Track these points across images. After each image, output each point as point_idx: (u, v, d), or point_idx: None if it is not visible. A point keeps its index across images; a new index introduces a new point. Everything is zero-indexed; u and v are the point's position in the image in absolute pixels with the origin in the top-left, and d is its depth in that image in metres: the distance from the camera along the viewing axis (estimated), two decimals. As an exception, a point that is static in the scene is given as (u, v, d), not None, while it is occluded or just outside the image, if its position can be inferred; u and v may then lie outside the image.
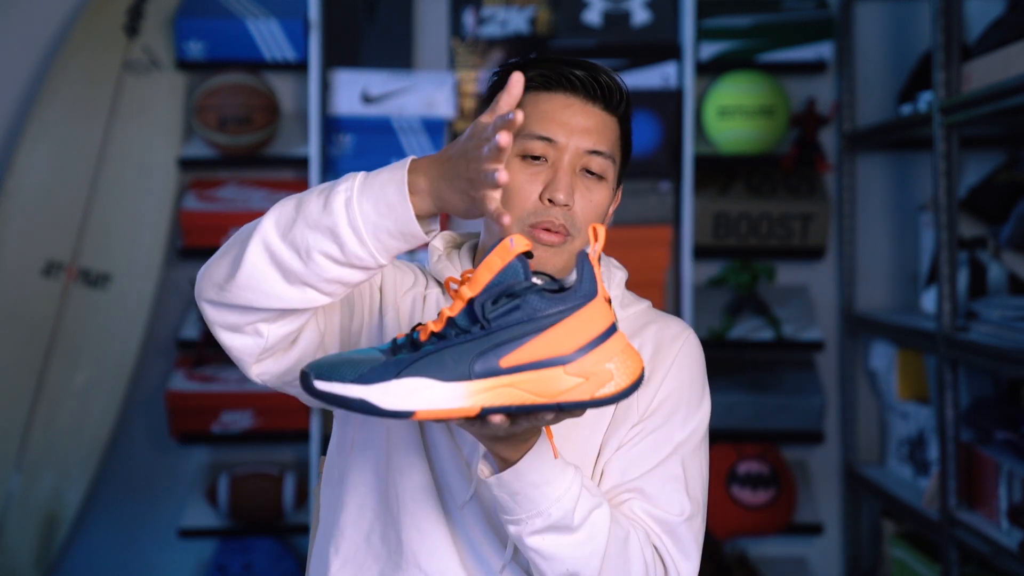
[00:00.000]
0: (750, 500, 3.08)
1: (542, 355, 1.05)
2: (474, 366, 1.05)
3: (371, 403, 1.04)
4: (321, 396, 1.06)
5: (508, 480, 1.18)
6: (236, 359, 1.26)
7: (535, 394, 1.05)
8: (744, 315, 3.18)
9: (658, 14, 3.17)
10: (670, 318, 1.44)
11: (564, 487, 1.20)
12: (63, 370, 3.04)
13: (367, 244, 1.15)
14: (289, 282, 1.18)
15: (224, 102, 3.02)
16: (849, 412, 3.21)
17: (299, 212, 1.17)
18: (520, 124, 1.23)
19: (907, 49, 3.24)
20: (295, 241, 1.16)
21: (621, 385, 1.06)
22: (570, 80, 1.34)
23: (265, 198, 3.12)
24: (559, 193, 1.31)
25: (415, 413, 1.04)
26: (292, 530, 3.12)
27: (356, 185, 1.17)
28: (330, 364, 1.07)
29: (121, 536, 3.27)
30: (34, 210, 3.07)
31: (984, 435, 2.53)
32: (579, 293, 1.06)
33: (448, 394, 1.05)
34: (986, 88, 2.32)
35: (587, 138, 1.33)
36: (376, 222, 1.15)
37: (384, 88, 3.14)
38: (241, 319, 1.21)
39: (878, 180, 3.31)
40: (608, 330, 1.07)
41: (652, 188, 3.18)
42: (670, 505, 1.32)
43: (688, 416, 1.37)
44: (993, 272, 2.70)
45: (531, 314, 1.05)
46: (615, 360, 1.06)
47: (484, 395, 1.05)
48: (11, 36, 3.22)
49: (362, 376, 1.05)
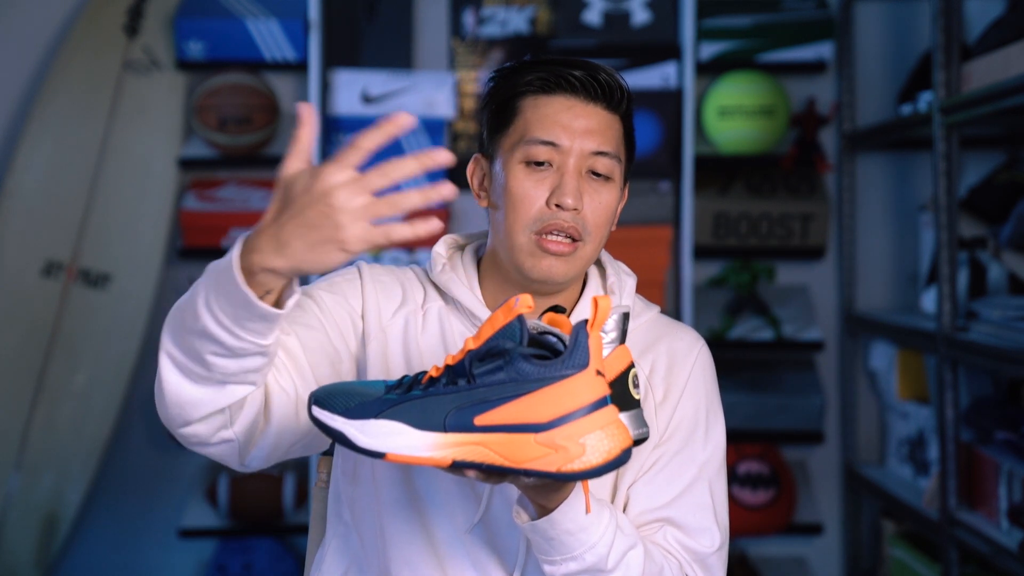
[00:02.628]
0: (750, 500, 3.08)
1: (516, 419, 1.04)
2: (448, 419, 1.05)
3: (348, 437, 1.06)
4: (314, 422, 1.08)
5: (543, 528, 1.18)
6: (224, 464, 1.26)
7: (503, 457, 1.04)
8: (744, 315, 3.18)
9: (658, 14, 3.17)
10: (680, 327, 1.43)
11: (599, 533, 1.20)
12: (63, 370, 3.04)
13: (241, 335, 1.12)
14: (204, 386, 1.16)
15: (224, 102, 3.02)
16: (849, 412, 3.21)
17: (182, 324, 1.15)
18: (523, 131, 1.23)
19: (907, 49, 3.24)
20: (190, 349, 1.14)
21: (591, 463, 1.03)
22: (569, 81, 1.32)
23: (265, 198, 3.12)
24: (567, 198, 1.29)
25: (387, 455, 1.05)
26: (292, 530, 3.12)
27: (210, 284, 1.13)
28: (329, 392, 1.09)
29: (121, 536, 3.27)
30: (34, 210, 3.07)
31: (984, 435, 2.53)
32: (567, 364, 1.04)
33: (419, 442, 1.05)
34: (986, 88, 2.32)
35: (591, 139, 1.31)
36: (234, 314, 1.11)
37: (384, 88, 3.14)
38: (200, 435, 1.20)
39: (878, 180, 3.31)
40: (593, 404, 1.04)
41: (652, 188, 3.18)
42: (702, 536, 1.32)
43: (709, 432, 1.37)
44: (993, 272, 2.70)
45: (514, 376, 1.04)
46: (594, 436, 1.04)
47: (455, 449, 1.04)
48: (11, 36, 3.22)
49: (348, 410, 1.06)
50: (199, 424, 1.19)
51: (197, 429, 1.19)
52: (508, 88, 1.35)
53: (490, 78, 1.38)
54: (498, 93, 1.36)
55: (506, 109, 1.34)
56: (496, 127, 1.36)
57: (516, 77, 1.34)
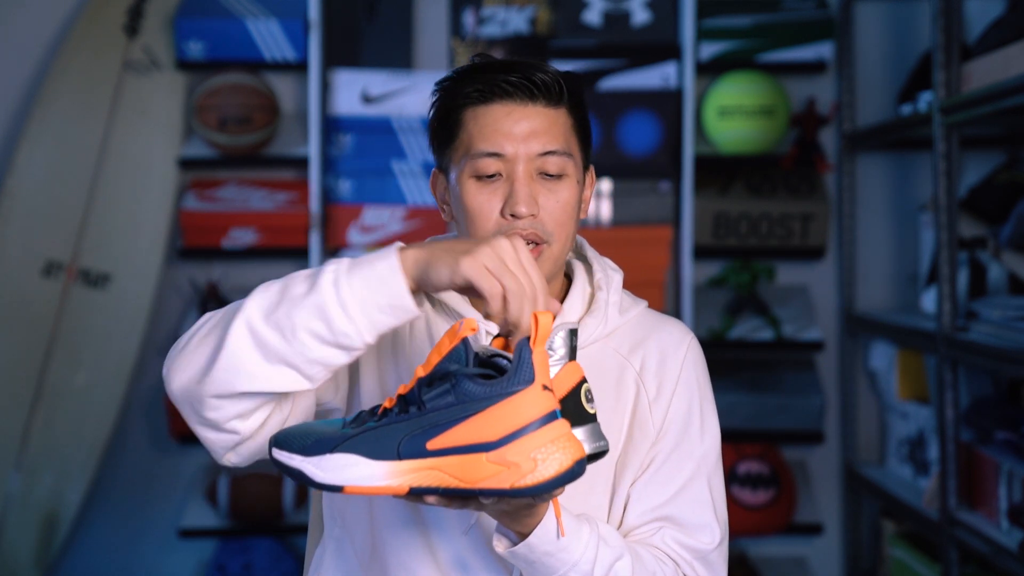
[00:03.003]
0: (750, 500, 3.08)
1: (466, 440, 1.04)
2: (401, 447, 1.05)
3: (306, 474, 1.07)
4: (275, 463, 1.10)
5: (523, 553, 1.19)
6: (210, 449, 1.26)
7: (457, 479, 1.05)
8: (744, 315, 3.18)
9: (658, 14, 3.17)
10: (668, 321, 1.42)
11: (580, 551, 1.20)
12: (63, 370, 3.04)
13: (356, 320, 1.12)
14: (271, 363, 1.15)
15: (224, 102, 3.02)
16: (849, 412, 3.21)
17: (284, 294, 1.15)
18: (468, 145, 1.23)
19: (907, 49, 3.24)
20: (279, 321, 1.14)
21: (544, 476, 1.03)
22: (503, 88, 1.30)
23: (265, 198, 3.12)
24: (519, 206, 1.28)
25: (344, 488, 1.06)
26: (292, 530, 3.12)
27: (343, 266, 1.14)
28: (287, 434, 1.10)
29: (121, 536, 3.27)
30: (34, 210, 3.07)
31: (984, 435, 2.53)
32: (513, 380, 1.04)
33: (374, 472, 1.06)
34: (986, 88, 2.32)
35: (535, 141, 1.30)
36: (365, 297, 1.12)
37: (384, 88, 3.14)
38: (219, 415, 1.19)
39: (878, 180, 3.31)
40: (542, 419, 1.04)
41: (652, 188, 3.18)
42: (701, 534, 1.33)
43: (703, 426, 1.37)
44: (993, 272, 2.70)
45: (462, 398, 1.05)
46: (544, 450, 1.04)
47: (410, 476, 1.05)
48: (11, 36, 3.22)
49: (305, 448, 1.08)
50: (231, 401, 1.18)
51: (224, 406, 1.19)
52: (449, 102, 1.34)
53: (432, 92, 1.37)
54: (440, 109, 1.35)
55: (449, 123, 1.34)
56: (443, 141, 1.35)
57: (456, 89, 1.33)
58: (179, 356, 1.20)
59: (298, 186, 3.15)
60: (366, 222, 3.14)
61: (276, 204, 3.11)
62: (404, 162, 3.13)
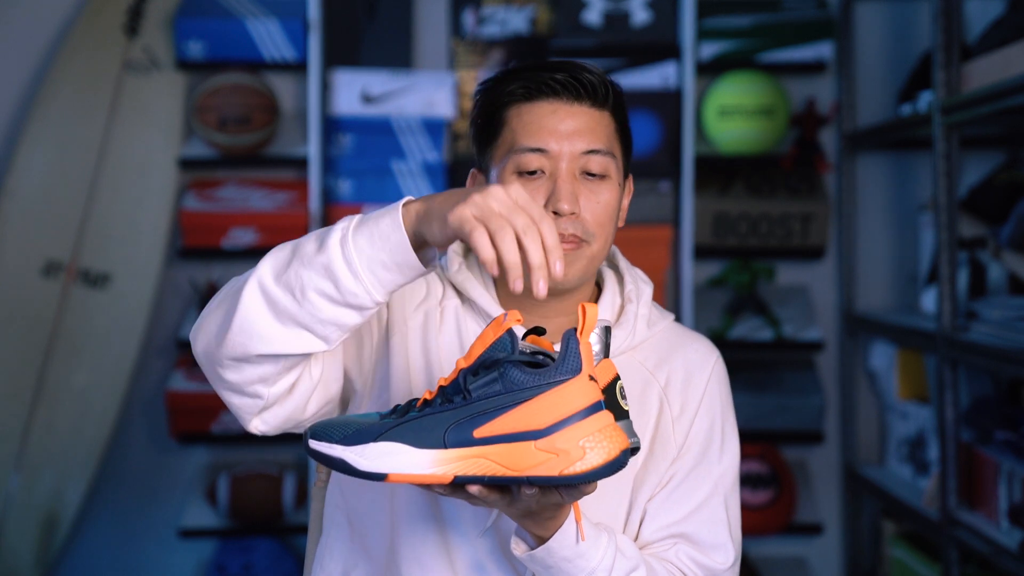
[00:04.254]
0: (750, 500, 3.08)
1: (514, 428, 1.06)
2: (448, 435, 1.06)
3: (348, 463, 1.08)
4: (312, 454, 1.10)
5: (541, 556, 1.19)
6: (236, 415, 1.27)
7: (505, 467, 1.06)
8: (744, 315, 3.18)
9: (658, 14, 3.17)
10: (694, 338, 1.42)
11: (598, 559, 1.21)
12: (63, 370, 3.04)
13: (362, 279, 1.12)
14: (284, 324, 1.16)
15: (224, 102, 3.02)
16: (849, 412, 3.21)
17: (295, 254, 1.15)
18: (511, 142, 1.24)
19: (907, 49, 3.24)
20: (290, 282, 1.14)
21: (592, 464, 1.05)
22: (550, 86, 1.30)
23: (265, 197, 3.12)
24: (562, 203, 1.28)
25: (388, 476, 1.07)
26: (292, 530, 3.12)
27: (352, 224, 1.14)
28: (325, 425, 1.11)
29: (121, 536, 3.27)
30: (34, 210, 3.07)
31: (984, 435, 2.53)
32: (560, 369, 1.06)
33: (420, 460, 1.07)
34: (986, 88, 2.32)
35: (580, 140, 1.30)
36: (371, 255, 1.12)
37: (384, 88, 3.14)
38: (240, 377, 1.20)
39: (878, 180, 3.31)
40: (589, 408, 1.06)
41: (652, 188, 3.18)
42: (716, 553, 1.33)
43: (724, 446, 1.37)
44: (993, 272, 2.70)
45: (509, 387, 1.06)
46: (592, 438, 1.05)
47: (456, 464, 1.06)
48: (11, 36, 3.22)
49: (346, 437, 1.09)
50: (251, 364, 1.18)
51: (244, 369, 1.19)
52: (493, 100, 1.34)
53: (475, 92, 1.38)
54: (484, 107, 1.35)
55: (493, 122, 1.34)
56: (485, 140, 1.35)
57: (499, 87, 1.34)
58: (201, 320, 1.22)
59: (298, 186, 3.15)
60: (366, 222, 3.13)
61: (276, 204, 3.11)
62: (404, 162, 3.13)
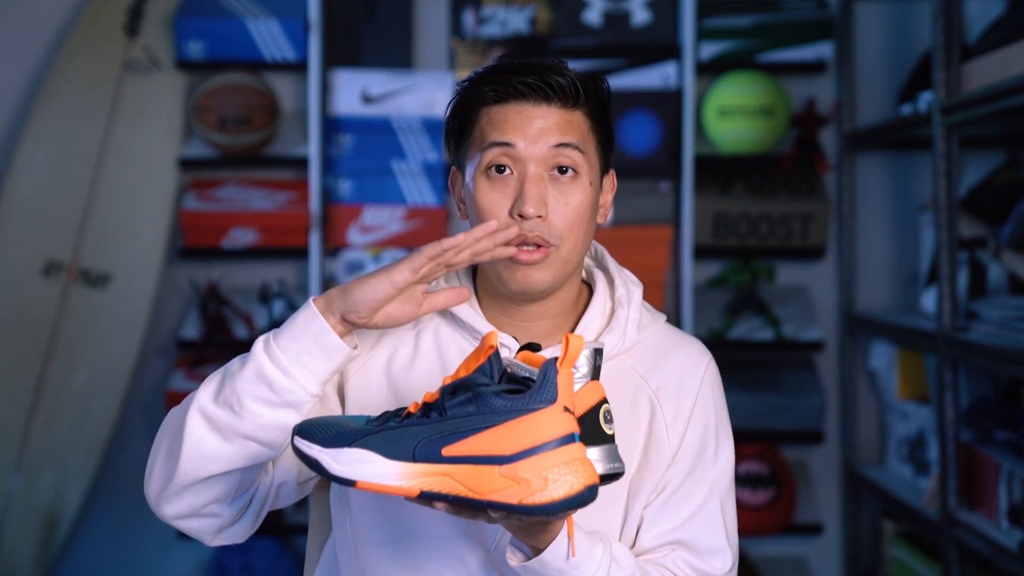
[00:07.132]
0: (750, 500, 3.08)
1: (481, 451, 1.06)
2: (418, 449, 1.07)
3: (323, 465, 1.10)
4: (295, 451, 1.13)
5: (535, 568, 1.19)
6: (196, 537, 1.31)
7: (468, 488, 1.06)
8: (744, 315, 3.18)
9: (658, 14, 3.17)
10: (685, 341, 1.41)
11: (592, 569, 1.21)
12: (63, 370, 3.04)
13: (293, 374, 1.20)
14: (229, 440, 1.22)
15: (224, 102, 3.02)
16: (849, 412, 3.21)
17: (226, 375, 1.24)
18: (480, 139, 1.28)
19: (907, 49, 3.24)
20: (227, 398, 1.22)
21: (553, 496, 1.04)
22: (518, 89, 1.30)
23: (265, 198, 3.12)
24: (527, 206, 1.27)
25: (357, 483, 1.08)
26: (292, 530, 3.12)
27: (271, 333, 1.23)
28: (312, 424, 1.13)
29: (121, 536, 3.27)
30: (34, 210, 3.07)
31: (984, 435, 2.53)
32: (535, 398, 1.05)
33: (388, 471, 1.07)
34: (986, 88, 2.32)
35: (548, 136, 1.29)
36: (296, 349, 1.20)
37: (384, 88, 3.14)
38: (197, 500, 1.26)
39: (878, 180, 3.31)
40: (559, 439, 1.05)
41: (652, 188, 3.18)
42: (713, 558, 1.33)
43: (718, 450, 1.36)
44: (993, 272, 2.70)
45: (483, 409, 1.06)
46: (557, 471, 1.04)
47: (423, 479, 1.07)
48: (11, 36, 3.22)
49: (326, 439, 1.10)
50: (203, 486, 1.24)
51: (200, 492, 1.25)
52: (465, 100, 1.34)
53: (453, 92, 1.38)
54: (457, 106, 1.36)
55: (464, 121, 1.34)
56: (459, 139, 1.36)
57: (473, 89, 1.34)
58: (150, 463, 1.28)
59: (298, 186, 3.15)
60: (366, 222, 3.14)
61: (276, 204, 3.11)
62: (404, 162, 3.13)
